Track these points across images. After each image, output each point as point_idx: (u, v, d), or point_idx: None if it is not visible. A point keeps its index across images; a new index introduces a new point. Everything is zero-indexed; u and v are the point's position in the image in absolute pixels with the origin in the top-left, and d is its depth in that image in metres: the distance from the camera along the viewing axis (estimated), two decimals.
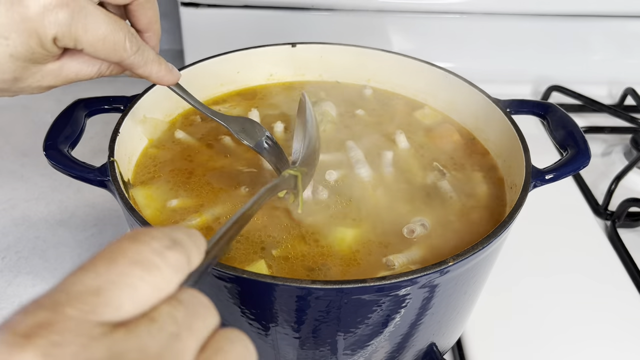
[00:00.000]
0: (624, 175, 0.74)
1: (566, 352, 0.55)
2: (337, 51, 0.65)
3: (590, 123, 0.89)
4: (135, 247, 0.22)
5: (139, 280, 0.21)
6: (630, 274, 0.64)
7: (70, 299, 0.20)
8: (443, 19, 0.97)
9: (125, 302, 0.20)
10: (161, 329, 0.20)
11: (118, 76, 0.46)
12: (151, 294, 0.21)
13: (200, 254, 0.25)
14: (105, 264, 0.21)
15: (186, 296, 0.23)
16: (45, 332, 0.18)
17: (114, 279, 0.21)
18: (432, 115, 0.62)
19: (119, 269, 0.21)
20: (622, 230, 0.70)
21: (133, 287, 0.21)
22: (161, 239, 0.23)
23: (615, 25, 1.00)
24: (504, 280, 0.61)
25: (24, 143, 0.85)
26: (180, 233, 0.24)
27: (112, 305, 0.20)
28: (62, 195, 0.75)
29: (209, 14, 0.95)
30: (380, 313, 0.39)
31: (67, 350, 0.18)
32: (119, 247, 0.22)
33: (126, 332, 0.19)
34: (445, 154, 0.56)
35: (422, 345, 0.46)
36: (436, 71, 0.61)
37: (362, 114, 0.61)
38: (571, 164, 0.48)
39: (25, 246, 0.68)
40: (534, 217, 0.60)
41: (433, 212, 0.49)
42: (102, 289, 0.20)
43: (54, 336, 0.18)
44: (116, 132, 0.49)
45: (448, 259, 0.37)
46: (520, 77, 1.00)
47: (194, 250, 0.25)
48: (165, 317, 0.21)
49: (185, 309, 0.22)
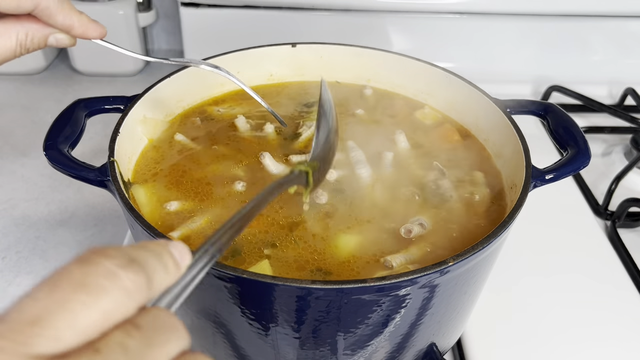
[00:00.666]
0: (624, 175, 0.74)
1: (566, 352, 0.55)
2: (337, 51, 0.65)
3: (591, 123, 0.89)
4: (82, 269, 0.20)
5: (81, 305, 0.19)
6: (630, 274, 0.64)
7: (5, 330, 0.18)
8: (443, 19, 0.97)
9: (65, 331, 0.19)
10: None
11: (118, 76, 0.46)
12: (98, 321, 0.19)
13: (169, 272, 0.23)
14: (47, 290, 0.20)
15: (147, 319, 0.21)
16: None
17: (53, 306, 0.19)
18: (432, 115, 0.62)
19: (60, 294, 0.19)
20: (622, 230, 0.70)
21: (74, 313, 0.19)
22: (115, 257, 0.21)
23: (616, 25, 1.00)
24: (504, 280, 0.61)
25: (24, 143, 0.85)
26: (143, 251, 0.22)
27: (49, 335, 0.18)
28: (62, 195, 0.75)
29: (209, 14, 0.95)
30: (380, 313, 0.39)
31: None
32: (65, 270, 0.20)
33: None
34: (445, 153, 0.56)
35: (422, 345, 0.46)
36: (436, 71, 0.61)
37: (362, 114, 0.61)
38: (571, 164, 0.48)
39: (25, 246, 0.68)
40: (534, 217, 0.60)
41: (433, 212, 0.49)
42: (39, 318, 0.19)
43: None
44: (116, 132, 0.49)
45: (448, 259, 0.37)
46: (520, 77, 1.00)
47: (158, 268, 0.22)
48: (113, 346, 0.19)
49: (142, 335, 0.20)
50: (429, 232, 0.47)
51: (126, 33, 0.97)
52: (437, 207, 0.50)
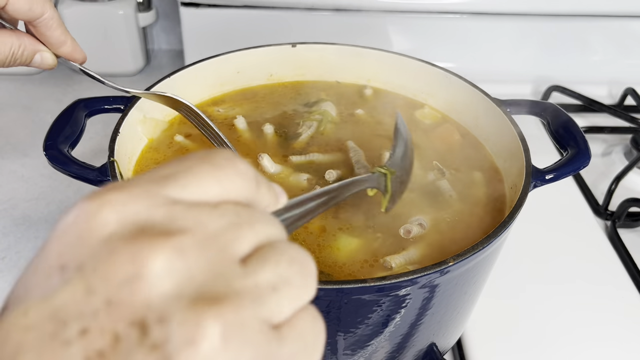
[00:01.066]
0: (624, 175, 0.74)
1: (566, 352, 0.55)
2: (337, 51, 0.65)
3: (591, 123, 0.89)
4: (206, 152, 0.22)
5: (206, 173, 0.21)
6: (631, 274, 0.64)
7: (141, 179, 0.20)
8: (443, 19, 0.97)
9: (190, 185, 0.21)
10: (222, 215, 0.20)
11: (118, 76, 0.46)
12: (217, 190, 0.21)
13: (271, 197, 0.24)
14: (176, 161, 0.22)
15: (250, 206, 0.22)
16: (115, 190, 0.19)
17: (182, 169, 0.21)
18: (432, 115, 0.62)
19: (188, 163, 0.21)
20: (623, 231, 0.70)
21: (199, 178, 0.21)
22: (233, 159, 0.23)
23: (616, 25, 1.00)
24: (504, 281, 0.61)
25: (24, 143, 0.85)
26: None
27: (177, 183, 0.20)
28: (62, 196, 0.75)
29: (209, 14, 0.95)
30: (380, 313, 0.39)
31: (131, 208, 0.19)
32: (190, 153, 0.23)
33: (187, 207, 0.20)
34: (445, 153, 0.56)
35: (422, 346, 0.46)
36: (436, 71, 0.61)
37: (362, 114, 0.61)
38: (571, 164, 0.48)
39: (25, 246, 0.68)
40: (534, 217, 0.60)
41: (433, 212, 0.49)
42: (170, 174, 0.21)
43: (122, 195, 0.19)
44: (116, 132, 0.49)
45: (448, 259, 0.37)
46: (520, 77, 1.00)
47: (265, 186, 0.24)
48: (229, 208, 0.21)
49: (249, 212, 0.21)
50: (429, 232, 0.47)
51: (126, 33, 0.97)
52: (436, 208, 0.50)
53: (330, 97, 0.63)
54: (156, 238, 0.18)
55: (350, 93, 0.65)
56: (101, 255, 0.18)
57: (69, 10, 0.94)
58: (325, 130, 0.58)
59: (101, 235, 0.18)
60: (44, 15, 0.44)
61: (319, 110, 0.60)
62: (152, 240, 0.18)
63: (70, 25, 0.95)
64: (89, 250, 0.18)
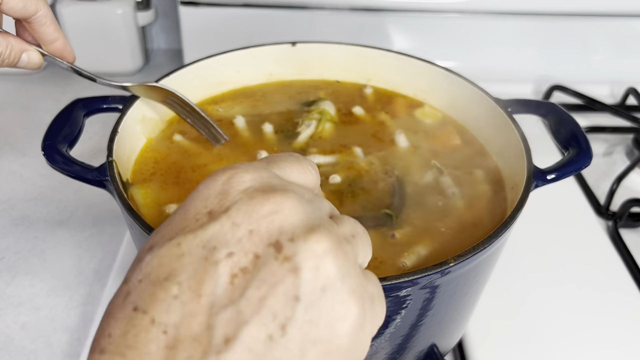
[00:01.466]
0: (625, 175, 0.74)
1: (568, 353, 0.55)
2: (337, 50, 0.64)
3: (592, 123, 0.89)
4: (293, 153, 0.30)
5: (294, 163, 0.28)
6: (632, 274, 0.64)
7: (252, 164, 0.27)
8: (444, 18, 0.97)
9: (286, 169, 0.28)
10: (312, 193, 0.27)
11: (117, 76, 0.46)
12: (300, 175, 0.28)
13: None
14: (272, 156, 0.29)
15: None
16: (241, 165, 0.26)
17: (279, 159, 0.28)
18: (432, 115, 0.62)
19: (281, 157, 0.29)
20: (624, 231, 0.70)
21: (291, 165, 0.28)
22: None
23: (617, 25, 0.99)
24: (505, 281, 0.61)
25: (23, 143, 0.84)
26: None
27: (278, 166, 0.27)
28: (61, 196, 0.75)
29: (209, 13, 0.95)
30: None
31: (257, 173, 0.25)
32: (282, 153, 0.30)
33: (286, 183, 0.26)
34: (445, 153, 0.56)
35: (422, 347, 0.46)
36: (437, 70, 0.60)
37: (362, 113, 0.61)
38: (573, 163, 0.48)
39: (24, 246, 0.67)
40: (535, 217, 0.60)
41: (433, 212, 0.49)
42: (272, 161, 0.28)
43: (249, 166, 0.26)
44: (115, 132, 0.48)
45: (449, 259, 0.37)
46: (521, 77, 1.00)
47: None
48: (313, 192, 0.28)
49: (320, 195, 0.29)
50: (429, 232, 0.47)
51: (125, 32, 0.97)
52: (436, 208, 0.49)
53: (329, 96, 0.63)
54: (282, 190, 0.25)
55: (350, 92, 0.65)
56: (243, 200, 0.24)
57: (67, 9, 0.94)
58: (324, 129, 0.58)
59: (240, 188, 0.24)
60: (37, 12, 0.45)
61: (317, 109, 0.60)
62: (281, 191, 0.24)
63: (69, 24, 0.95)
64: (232, 198, 0.24)
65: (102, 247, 0.68)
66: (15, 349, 0.56)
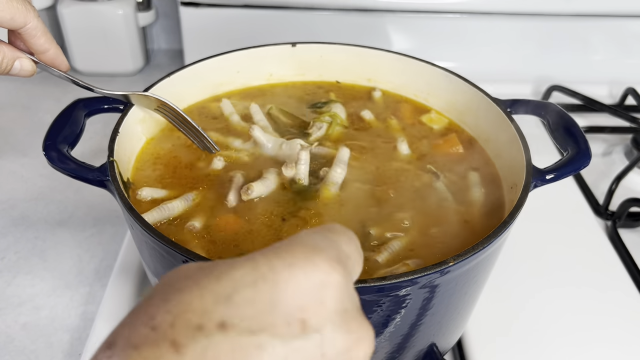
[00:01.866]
0: (624, 175, 0.74)
1: (567, 352, 0.55)
2: (337, 51, 0.64)
3: (591, 123, 0.89)
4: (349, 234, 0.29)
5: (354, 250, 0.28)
6: (631, 274, 0.64)
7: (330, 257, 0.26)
8: (443, 19, 0.97)
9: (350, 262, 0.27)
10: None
11: (117, 76, 0.46)
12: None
13: None
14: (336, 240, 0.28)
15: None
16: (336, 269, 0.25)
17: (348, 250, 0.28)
18: (431, 114, 0.62)
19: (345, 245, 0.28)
20: (623, 231, 0.70)
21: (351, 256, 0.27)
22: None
23: (616, 25, 0.99)
24: (504, 281, 0.61)
25: (23, 143, 0.85)
26: None
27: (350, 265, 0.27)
28: (61, 195, 0.75)
29: (209, 13, 0.95)
30: (381, 313, 0.39)
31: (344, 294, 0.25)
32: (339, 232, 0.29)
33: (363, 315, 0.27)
34: (444, 154, 0.56)
35: (422, 346, 0.46)
36: (436, 71, 0.61)
37: (362, 113, 0.61)
38: (572, 164, 0.48)
39: (24, 246, 0.68)
40: (534, 217, 0.60)
41: (433, 212, 0.49)
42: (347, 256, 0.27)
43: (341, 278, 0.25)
44: (116, 132, 0.49)
45: (449, 259, 0.37)
46: (520, 77, 1.00)
47: None
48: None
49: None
50: (429, 232, 0.47)
51: (125, 33, 0.97)
52: (437, 208, 0.49)
53: (339, 99, 0.63)
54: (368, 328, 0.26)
55: (350, 93, 0.65)
56: (337, 325, 0.24)
57: (68, 10, 0.94)
58: (333, 132, 0.58)
59: (335, 308, 0.24)
60: (27, 24, 0.45)
61: (329, 111, 0.60)
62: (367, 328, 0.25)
63: (70, 24, 0.96)
64: (326, 316, 0.24)
65: (103, 247, 0.68)
66: (15, 348, 0.56)
